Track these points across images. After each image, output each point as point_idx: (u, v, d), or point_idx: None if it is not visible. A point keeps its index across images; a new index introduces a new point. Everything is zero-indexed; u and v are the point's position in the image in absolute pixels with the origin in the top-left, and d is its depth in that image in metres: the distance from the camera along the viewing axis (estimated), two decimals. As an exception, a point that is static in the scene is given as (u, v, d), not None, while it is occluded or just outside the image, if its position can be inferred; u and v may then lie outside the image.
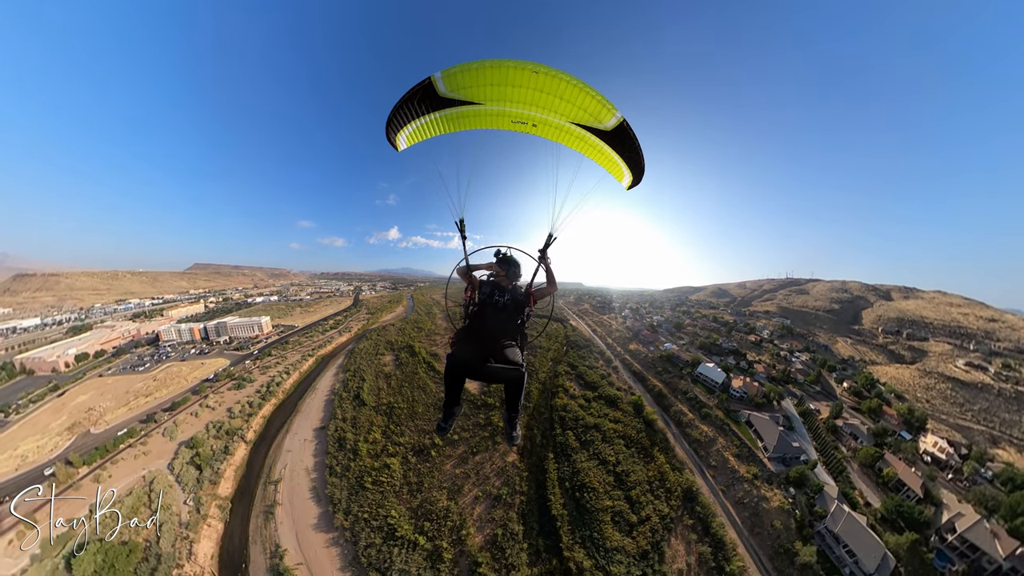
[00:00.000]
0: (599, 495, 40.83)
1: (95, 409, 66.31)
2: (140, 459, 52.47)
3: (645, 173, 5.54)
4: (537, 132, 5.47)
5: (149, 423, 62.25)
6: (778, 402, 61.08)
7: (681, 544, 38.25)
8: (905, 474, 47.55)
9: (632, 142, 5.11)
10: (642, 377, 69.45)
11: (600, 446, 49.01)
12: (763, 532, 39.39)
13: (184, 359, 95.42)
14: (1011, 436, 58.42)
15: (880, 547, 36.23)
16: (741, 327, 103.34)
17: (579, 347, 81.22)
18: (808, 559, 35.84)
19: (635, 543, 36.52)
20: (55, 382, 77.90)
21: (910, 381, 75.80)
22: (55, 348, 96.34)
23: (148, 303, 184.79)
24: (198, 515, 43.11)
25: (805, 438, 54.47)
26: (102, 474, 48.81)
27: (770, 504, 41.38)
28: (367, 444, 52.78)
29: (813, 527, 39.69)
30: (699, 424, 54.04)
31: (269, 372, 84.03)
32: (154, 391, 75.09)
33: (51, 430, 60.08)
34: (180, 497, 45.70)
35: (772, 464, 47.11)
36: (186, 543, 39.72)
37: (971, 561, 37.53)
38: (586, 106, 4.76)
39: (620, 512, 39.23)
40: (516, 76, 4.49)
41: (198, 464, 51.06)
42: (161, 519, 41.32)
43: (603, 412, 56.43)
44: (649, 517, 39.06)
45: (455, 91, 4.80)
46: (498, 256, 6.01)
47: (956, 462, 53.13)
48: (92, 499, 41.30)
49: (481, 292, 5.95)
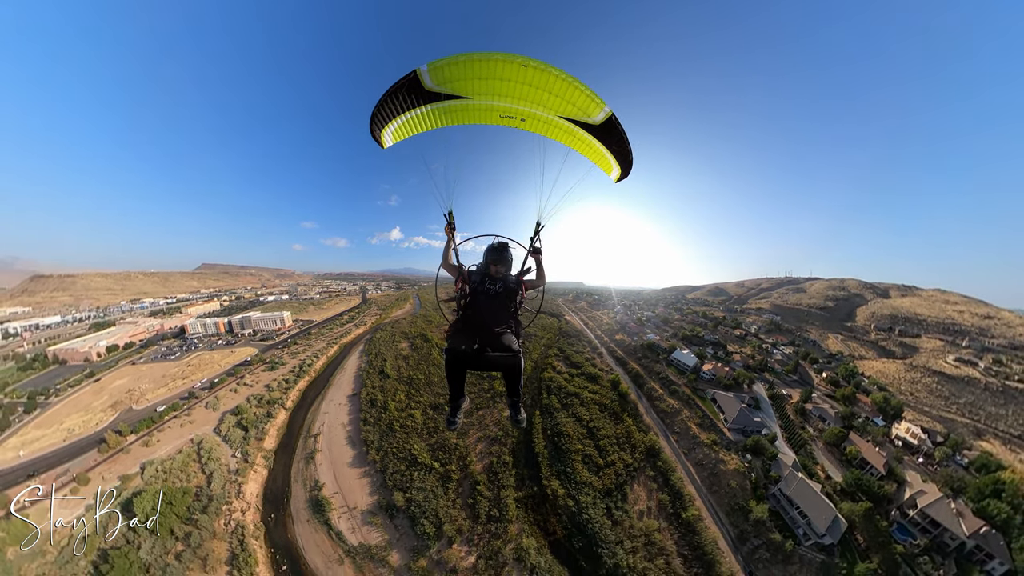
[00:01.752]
0: (573, 441, 44.44)
1: (135, 390, 64.61)
2: (186, 427, 51.93)
3: (634, 167, 5.01)
4: (525, 127, 4.90)
5: (190, 399, 60.96)
6: (748, 385, 58.95)
7: (643, 490, 39.66)
8: (869, 453, 44.89)
9: (620, 136, 4.59)
10: (623, 361, 69.62)
11: (578, 408, 51.61)
12: (720, 490, 39.61)
13: (213, 349, 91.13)
14: (996, 429, 52.03)
15: (831, 510, 35.15)
16: (728, 322, 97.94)
17: (570, 336, 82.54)
18: (760, 516, 35.80)
19: (601, 481, 39.56)
20: (90, 369, 74.99)
21: (895, 375, 68.88)
22: (86, 340, 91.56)
23: (162, 302, 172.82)
24: (245, 464, 44.18)
25: (771, 417, 52.48)
26: (150, 439, 48.39)
27: (727, 467, 41.34)
28: (394, 402, 58.19)
29: (767, 489, 39.09)
30: (667, 398, 54.23)
31: (299, 357, 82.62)
32: (189, 374, 72.31)
33: (94, 408, 58.11)
34: (228, 452, 46.12)
35: (732, 434, 46.46)
36: (235, 485, 40.99)
37: (933, 537, 35.48)
38: (574, 100, 4.24)
39: (589, 456, 42.53)
40: (504, 70, 3.97)
41: (244, 426, 51.22)
42: (211, 468, 42.00)
43: (584, 385, 58.68)
44: (614, 463, 41.51)
45: (442, 85, 4.22)
46: (493, 247, 5.26)
47: (928, 447, 48.72)
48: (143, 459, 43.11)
49: (471, 282, 5.26)
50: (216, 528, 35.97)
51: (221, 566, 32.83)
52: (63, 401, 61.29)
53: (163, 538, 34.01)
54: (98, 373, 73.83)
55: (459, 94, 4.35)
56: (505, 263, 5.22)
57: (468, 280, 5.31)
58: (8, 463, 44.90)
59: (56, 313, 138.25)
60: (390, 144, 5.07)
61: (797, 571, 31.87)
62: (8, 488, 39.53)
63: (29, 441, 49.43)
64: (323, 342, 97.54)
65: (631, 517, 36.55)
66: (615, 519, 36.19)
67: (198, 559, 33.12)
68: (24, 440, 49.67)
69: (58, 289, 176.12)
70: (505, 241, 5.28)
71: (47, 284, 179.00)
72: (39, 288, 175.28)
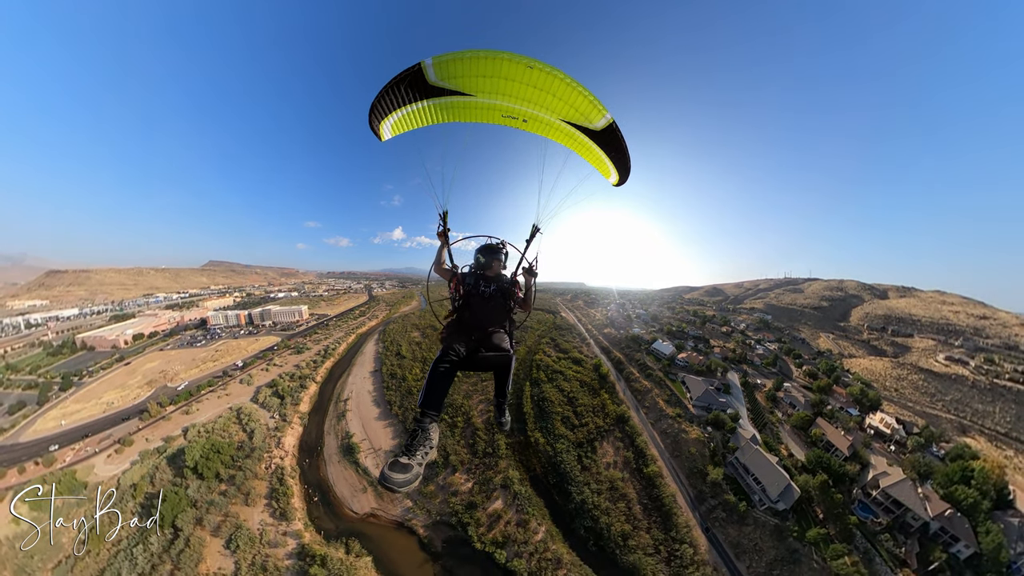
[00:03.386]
0: (554, 405, 48.37)
1: (168, 371, 62.44)
2: (223, 399, 51.74)
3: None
4: (527, 128, 4.34)
5: (224, 377, 59.85)
6: (722, 373, 57.39)
7: (611, 448, 41.40)
8: (834, 436, 42.67)
9: (619, 143, 4.14)
10: (608, 350, 69.97)
11: (562, 382, 54.49)
12: (681, 456, 40.24)
13: (236, 337, 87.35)
14: (982, 426, 46.32)
15: (785, 479, 34.69)
16: (716, 320, 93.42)
17: (562, 329, 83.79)
18: (716, 478, 36.31)
19: (575, 436, 43.01)
20: (119, 354, 71.39)
21: (882, 372, 62.40)
22: (112, 329, 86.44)
23: (175, 296, 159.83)
24: (283, 423, 45.21)
25: (740, 401, 50.88)
26: (190, 408, 47.90)
27: (689, 436, 41.66)
28: (411, 375, 62.29)
29: (725, 458, 39.16)
30: (642, 380, 54.74)
31: (321, 343, 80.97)
32: (219, 358, 69.96)
33: (130, 385, 56.46)
34: (266, 415, 46.77)
35: (695, 410, 46.29)
36: (274, 439, 42.12)
37: (896, 516, 33.89)
38: (578, 105, 3.78)
39: (567, 417, 45.94)
40: (510, 69, 3.49)
41: (280, 395, 52.15)
42: (251, 427, 42.35)
43: (569, 365, 61.11)
44: (587, 424, 44.17)
45: (446, 80, 3.68)
46: (487, 247, 4.70)
47: (901, 436, 45.16)
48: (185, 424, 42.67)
49: (465, 284, 4.59)
50: (257, 471, 37.07)
51: (261, 499, 34.44)
52: (97, 381, 58.48)
53: (208, 480, 34.96)
54: (127, 358, 70.05)
55: (463, 91, 3.87)
56: (499, 263, 4.68)
57: (462, 282, 4.63)
58: (50, 431, 43.89)
59: (73, 306, 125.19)
60: (389, 137, 4.47)
61: (752, 531, 32.10)
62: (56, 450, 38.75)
63: (69, 413, 47.61)
64: (341, 332, 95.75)
65: (598, 466, 38.77)
66: (584, 465, 38.83)
67: (241, 494, 34.41)
68: (64, 412, 47.83)
69: (73, 284, 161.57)
70: (499, 242, 4.75)
71: (63, 279, 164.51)
72: (55, 282, 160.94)
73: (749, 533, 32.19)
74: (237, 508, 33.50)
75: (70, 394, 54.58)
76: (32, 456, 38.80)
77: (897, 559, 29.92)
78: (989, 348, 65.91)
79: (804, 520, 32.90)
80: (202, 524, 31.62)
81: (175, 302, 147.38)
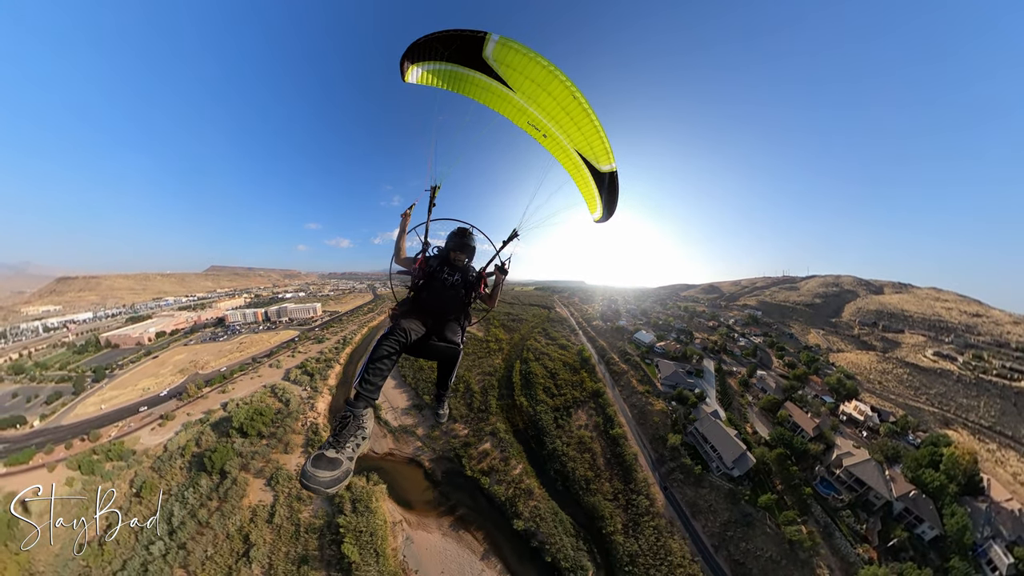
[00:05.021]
0: (538, 377, 51.14)
1: (197, 361, 60.88)
2: (256, 380, 51.70)
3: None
4: (545, 143, 3.93)
5: (254, 363, 59.03)
6: (697, 359, 55.93)
7: (584, 415, 42.93)
8: (800, 418, 40.43)
9: (615, 189, 3.88)
10: (594, 339, 70.17)
11: (547, 361, 56.79)
12: (646, 424, 40.73)
13: (256, 332, 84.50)
14: (966, 420, 41.06)
15: (740, 448, 34.26)
16: (705, 315, 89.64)
17: (554, 322, 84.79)
18: (675, 443, 36.60)
19: (553, 402, 45.57)
20: (145, 350, 68.58)
21: (867, 365, 56.34)
22: (134, 327, 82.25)
23: (184, 299, 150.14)
24: (315, 392, 47.66)
25: (710, 383, 49.61)
26: (226, 389, 48.11)
27: (654, 408, 41.92)
28: None
29: (686, 428, 39.03)
30: (620, 363, 55.18)
31: (339, 335, 79.84)
32: (243, 350, 67.98)
33: (162, 374, 55.34)
34: (298, 389, 47.89)
35: (663, 387, 46.26)
36: (307, 405, 44.23)
37: (859, 495, 32.21)
38: (594, 146, 3.58)
39: (548, 387, 48.65)
40: (557, 89, 3.25)
41: (309, 372, 53.33)
42: (286, 398, 43.35)
43: (555, 349, 63.50)
44: (565, 395, 46.41)
45: (499, 63, 3.26)
46: (459, 233, 3.84)
47: (874, 423, 41.58)
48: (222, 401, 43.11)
49: (429, 264, 3.84)
50: (295, 427, 39.00)
51: (298, 448, 36.57)
52: (128, 372, 56.77)
53: (252, 438, 36.22)
54: (153, 352, 66.98)
55: (507, 81, 3.43)
56: (468, 252, 3.86)
57: (426, 262, 3.87)
58: (90, 415, 43.63)
59: (87, 310, 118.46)
60: (413, 81, 3.74)
61: (707, 494, 32.15)
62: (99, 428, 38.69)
63: (108, 399, 47.04)
64: (354, 325, 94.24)
65: (571, 426, 40.97)
66: (559, 424, 41.40)
67: (281, 444, 36.21)
68: (102, 398, 47.19)
69: (84, 289, 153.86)
70: (471, 228, 3.94)
71: (73, 285, 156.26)
72: (66, 289, 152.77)
73: (705, 495, 32.21)
74: (277, 456, 35.20)
75: (105, 383, 52.77)
76: (76, 435, 37.70)
77: (858, 535, 28.61)
78: (979, 345, 57.53)
79: (761, 489, 32.27)
80: (247, 469, 32.95)
81: (186, 304, 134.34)
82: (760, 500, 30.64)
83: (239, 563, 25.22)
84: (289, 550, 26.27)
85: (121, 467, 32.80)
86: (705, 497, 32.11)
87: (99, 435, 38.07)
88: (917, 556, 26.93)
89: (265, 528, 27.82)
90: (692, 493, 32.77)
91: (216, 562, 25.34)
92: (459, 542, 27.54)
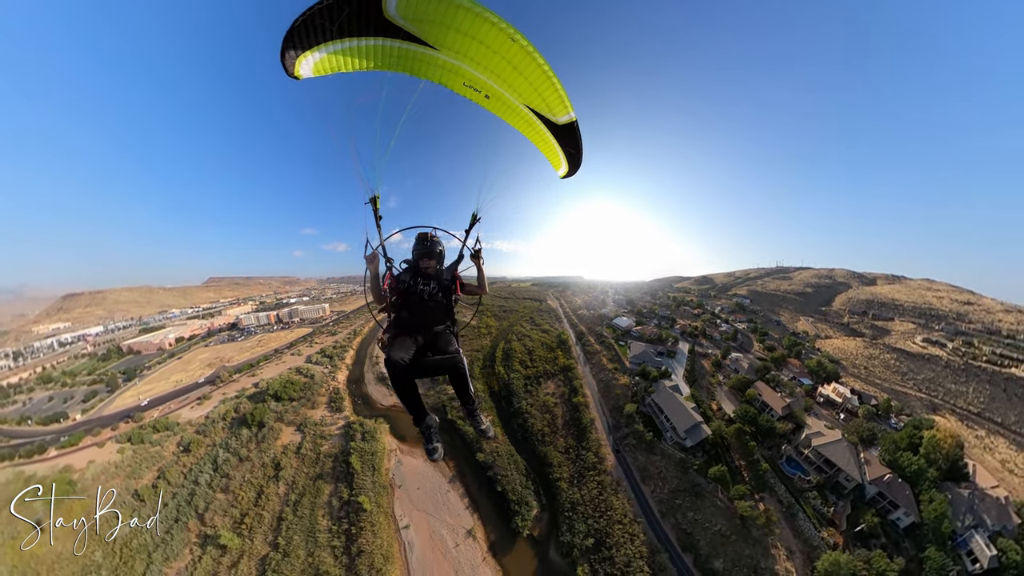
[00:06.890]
0: (516, 353, 52.08)
1: (222, 356, 61.15)
2: (280, 365, 53.53)
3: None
4: (487, 104, 2.96)
5: (276, 354, 59.52)
6: (672, 342, 51.46)
7: (553, 385, 42.40)
8: (770, 397, 35.58)
9: (577, 140, 3.06)
10: (575, 325, 68.05)
11: (527, 342, 56.79)
12: (609, 396, 39.05)
13: (271, 332, 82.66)
14: (954, 405, 34.32)
15: (693, 419, 31.31)
16: (692, 304, 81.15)
17: (543, 312, 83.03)
18: (630, 411, 34.76)
19: (526, 371, 46.41)
20: (168, 353, 66.38)
21: (853, 351, 48.54)
22: (154, 335, 78.98)
23: (190, 310, 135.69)
24: (335, 369, 51.37)
25: (681, 363, 45.67)
26: (255, 372, 50.48)
27: (618, 382, 39.99)
28: None
29: (644, 399, 36.48)
30: (594, 344, 53.37)
31: (349, 328, 79.81)
32: (263, 345, 67.91)
33: (191, 369, 55.93)
34: (320, 368, 50.52)
35: (631, 365, 43.72)
36: (330, 377, 47.31)
37: (828, 476, 28.03)
38: (547, 96, 2.68)
39: (524, 361, 49.57)
40: (490, 34, 2.30)
41: (328, 355, 55.64)
42: (311, 374, 46.09)
43: (538, 334, 62.71)
44: (539, 367, 46.71)
45: (408, 18, 2.27)
46: (421, 240, 3.28)
47: (853, 405, 35.73)
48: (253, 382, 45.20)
49: (400, 282, 3.27)
50: (320, 391, 42.48)
51: (323, 405, 40.28)
52: (157, 372, 56.31)
53: (284, 402, 39.12)
54: (177, 354, 64.79)
55: (425, 40, 2.41)
56: (436, 257, 3.29)
57: (397, 282, 3.29)
58: (128, 406, 43.78)
59: (96, 324, 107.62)
60: (307, 75, 2.57)
61: (658, 461, 30.02)
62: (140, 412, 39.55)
63: (144, 391, 47.96)
64: (362, 320, 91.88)
65: (539, 392, 41.51)
66: (528, 390, 42.15)
67: (309, 403, 39.71)
68: (139, 391, 48.13)
69: (91, 304, 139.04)
70: (434, 232, 3.35)
71: (80, 301, 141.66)
72: (73, 305, 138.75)
73: (656, 462, 29.99)
74: (306, 411, 38.94)
75: (137, 381, 52.54)
76: (121, 420, 38.34)
77: (824, 518, 24.81)
78: (969, 332, 47.32)
79: (716, 462, 29.17)
80: (281, 420, 36.36)
81: (193, 315, 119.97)
82: (710, 471, 27.61)
83: (269, 483, 29.29)
84: (309, 470, 30.50)
85: (167, 436, 34.17)
86: (656, 464, 29.95)
87: (143, 416, 38.93)
88: (889, 544, 22.80)
89: (293, 457, 31.97)
90: (643, 459, 30.71)
91: (251, 483, 29.53)
92: (435, 467, 31.25)
